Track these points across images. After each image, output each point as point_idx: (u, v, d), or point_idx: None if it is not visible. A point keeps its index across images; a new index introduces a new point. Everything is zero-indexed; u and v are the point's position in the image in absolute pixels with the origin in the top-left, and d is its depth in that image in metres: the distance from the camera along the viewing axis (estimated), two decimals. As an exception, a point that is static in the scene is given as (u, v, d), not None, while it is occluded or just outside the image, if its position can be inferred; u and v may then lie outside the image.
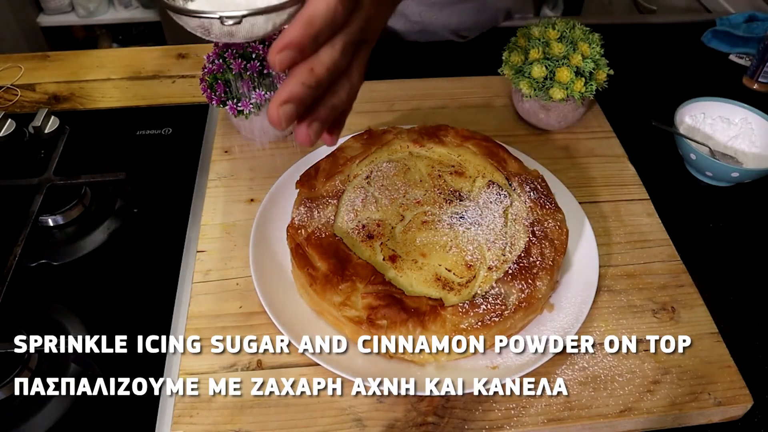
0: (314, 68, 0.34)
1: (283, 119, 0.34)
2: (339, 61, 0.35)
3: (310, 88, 0.34)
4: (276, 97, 0.34)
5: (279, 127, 0.34)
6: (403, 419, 0.47)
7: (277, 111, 0.34)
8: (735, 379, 0.50)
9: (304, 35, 0.33)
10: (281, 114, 0.34)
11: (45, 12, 1.98)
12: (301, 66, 0.34)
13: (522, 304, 0.49)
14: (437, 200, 0.57)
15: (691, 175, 0.72)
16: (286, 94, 0.34)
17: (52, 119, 0.73)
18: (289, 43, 0.32)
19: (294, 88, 0.34)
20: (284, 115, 0.34)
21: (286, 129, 0.36)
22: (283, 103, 0.34)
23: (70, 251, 0.61)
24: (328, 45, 0.34)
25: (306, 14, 0.33)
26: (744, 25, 0.94)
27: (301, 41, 0.33)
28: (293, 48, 0.33)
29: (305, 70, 0.34)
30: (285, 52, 0.33)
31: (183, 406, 0.48)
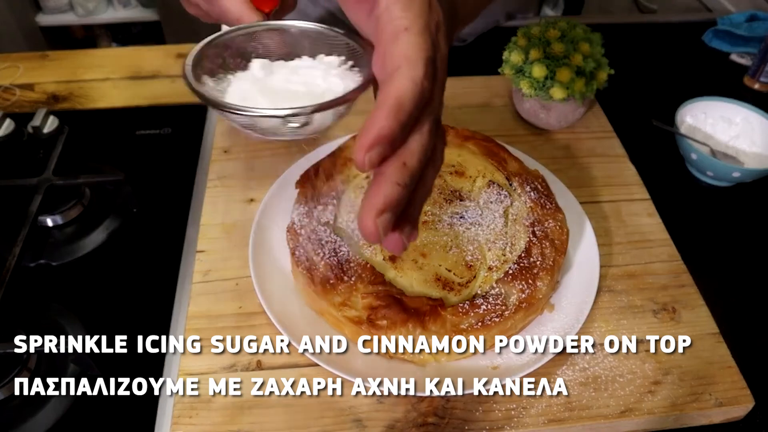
0: (406, 162, 0.28)
1: (382, 232, 0.28)
2: (428, 146, 0.29)
3: (405, 188, 0.28)
4: (369, 206, 0.28)
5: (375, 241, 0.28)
6: (403, 420, 0.47)
7: (374, 223, 0.28)
8: (736, 380, 0.50)
9: (394, 125, 0.27)
10: (380, 226, 0.28)
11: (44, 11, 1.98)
12: (391, 162, 0.28)
13: (522, 304, 0.49)
14: (437, 200, 0.57)
15: (692, 175, 0.72)
16: (381, 201, 0.27)
17: (51, 119, 0.73)
18: (380, 138, 0.26)
19: (389, 191, 0.27)
20: (383, 226, 0.28)
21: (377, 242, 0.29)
22: (380, 213, 0.27)
23: (70, 251, 0.61)
24: (416, 130, 0.28)
25: (392, 97, 0.27)
26: (745, 25, 0.94)
27: (392, 132, 0.27)
28: (383, 142, 0.27)
29: (397, 167, 0.28)
30: (375, 150, 0.27)
31: (183, 406, 0.48)
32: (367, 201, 0.28)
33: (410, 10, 0.28)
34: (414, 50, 0.28)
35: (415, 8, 0.29)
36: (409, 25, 0.28)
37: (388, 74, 0.28)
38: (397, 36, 0.28)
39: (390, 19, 0.28)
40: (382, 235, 0.28)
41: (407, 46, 0.28)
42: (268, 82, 0.35)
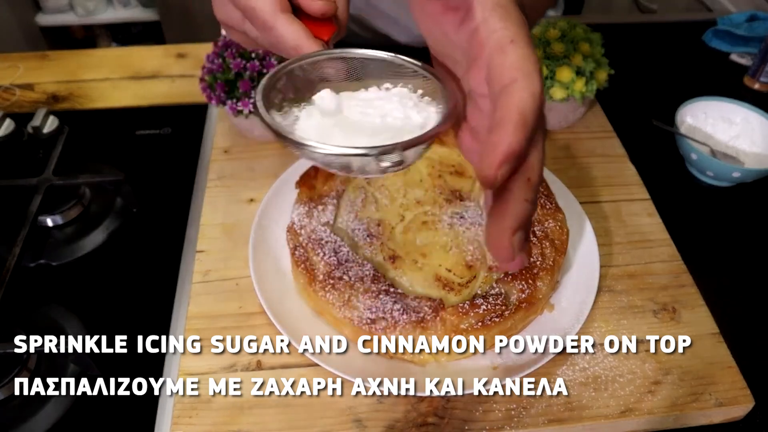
0: (530, 178, 0.27)
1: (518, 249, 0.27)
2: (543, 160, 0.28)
3: (532, 204, 0.27)
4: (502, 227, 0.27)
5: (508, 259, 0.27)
6: (403, 420, 0.47)
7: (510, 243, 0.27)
8: (736, 380, 0.50)
9: (522, 139, 0.26)
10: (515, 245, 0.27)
11: (44, 11, 1.98)
12: (517, 178, 0.27)
13: (522, 304, 0.49)
14: (437, 200, 0.57)
15: (692, 175, 0.72)
16: (513, 219, 0.27)
17: (51, 119, 0.73)
18: (510, 153, 0.26)
19: (519, 209, 0.27)
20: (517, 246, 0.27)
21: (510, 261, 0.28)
22: (516, 230, 0.27)
23: (69, 251, 0.61)
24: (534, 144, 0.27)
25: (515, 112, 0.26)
26: (745, 25, 0.94)
27: (520, 147, 0.26)
28: (513, 158, 0.26)
29: (524, 183, 0.27)
30: (506, 166, 0.26)
31: (183, 406, 0.48)
32: (497, 222, 0.27)
33: (509, 21, 0.28)
34: (527, 63, 0.27)
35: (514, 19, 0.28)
36: (514, 37, 0.27)
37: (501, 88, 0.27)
38: (504, 48, 0.27)
39: (491, 31, 0.27)
40: (516, 254, 0.27)
41: (518, 58, 0.27)
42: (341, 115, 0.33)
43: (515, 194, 0.27)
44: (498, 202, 0.27)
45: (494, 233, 0.27)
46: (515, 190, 0.27)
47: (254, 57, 0.63)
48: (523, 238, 0.28)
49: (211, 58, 0.65)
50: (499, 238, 0.27)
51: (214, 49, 0.66)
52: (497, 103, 0.27)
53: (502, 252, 0.27)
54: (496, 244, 0.27)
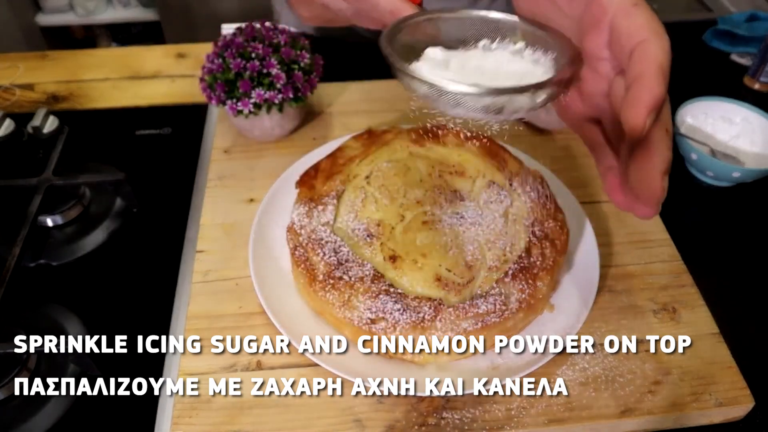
0: (668, 129, 0.30)
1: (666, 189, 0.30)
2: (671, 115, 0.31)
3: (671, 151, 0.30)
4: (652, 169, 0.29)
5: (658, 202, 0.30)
6: (403, 420, 0.47)
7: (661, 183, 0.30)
8: (736, 380, 0.50)
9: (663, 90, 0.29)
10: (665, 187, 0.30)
11: (44, 11, 1.98)
12: (658, 128, 0.30)
13: (522, 304, 0.49)
14: (437, 200, 0.57)
15: (692, 174, 0.72)
16: (663, 162, 0.29)
17: (51, 119, 0.73)
18: (656, 102, 0.28)
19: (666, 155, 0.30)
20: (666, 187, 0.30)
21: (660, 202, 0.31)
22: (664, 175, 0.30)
23: (70, 251, 0.61)
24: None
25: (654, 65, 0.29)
26: (745, 25, 0.94)
27: (662, 97, 0.29)
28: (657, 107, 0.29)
29: (664, 133, 0.30)
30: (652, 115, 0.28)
31: (183, 406, 0.48)
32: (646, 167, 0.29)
33: None
34: (654, 23, 0.30)
35: None
36: (638, 2, 0.30)
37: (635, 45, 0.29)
38: (629, 12, 0.30)
39: None
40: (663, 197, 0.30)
41: (645, 19, 0.30)
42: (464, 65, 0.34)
43: (659, 142, 0.29)
44: (643, 151, 0.30)
45: (645, 178, 0.30)
46: (658, 138, 0.29)
47: (254, 57, 0.63)
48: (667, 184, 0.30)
49: (211, 58, 0.65)
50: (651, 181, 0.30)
51: (214, 49, 0.66)
52: (631, 60, 0.29)
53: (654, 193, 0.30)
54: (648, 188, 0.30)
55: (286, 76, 0.64)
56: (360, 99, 0.77)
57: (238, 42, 0.64)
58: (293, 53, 0.65)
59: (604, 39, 0.31)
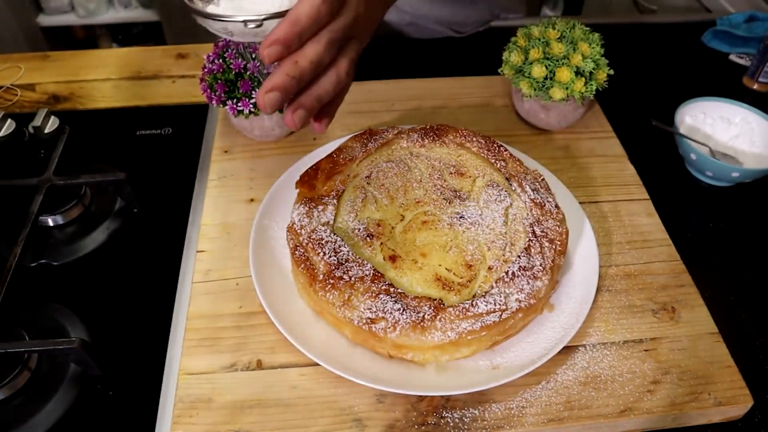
0: (299, 61, 0.38)
1: (268, 105, 0.39)
2: (322, 55, 0.39)
3: (293, 79, 0.38)
4: (263, 86, 0.38)
5: (265, 111, 0.39)
6: (403, 419, 0.47)
7: (262, 98, 0.38)
8: (735, 379, 0.50)
9: (289, 32, 0.37)
10: (266, 100, 0.38)
11: (45, 12, 1.98)
12: (287, 60, 0.38)
13: (522, 304, 0.49)
14: (437, 200, 0.57)
15: (692, 175, 0.72)
16: (271, 83, 0.38)
17: (52, 119, 0.73)
18: (276, 40, 0.37)
19: (279, 78, 0.38)
20: (269, 101, 0.38)
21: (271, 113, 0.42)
22: (269, 91, 0.38)
23: (70, 251, 0.61)
24: (313, 41, 0.39)
25: (292, 14, 0.37)
26: (744, 25, 0.94)
27: (287, 38, 0.37)
28: (280, 44, 0.37)
29: (290, 63, 0.38)
30: (273, 48, 0.37)
31: (183, 406, 0.48)
32: (264, 82, 0.39)
33: None
34: None
35: None
36: None
37: None
38: None
39: None
40: (268, 108, 0.39)
41: None
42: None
43: (281, 68, 0.38)
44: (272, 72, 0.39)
45: (259, 90, 0.39)
46: (282, 66, 0.38)
47: (254, 57, 0.64)
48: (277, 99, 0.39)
49: (212, 59, 0.65)
50: (258, 94, 0.39)
51: (215, 49, 0.66)
52: None
53: (258, 102, 0.39)
54: (257, 97, 0.39)
55: (286, 77, 0.64)
56: (360, 99, 0.77)
57: (238, 42, 0.64)
58: (293, 54, 0.65)
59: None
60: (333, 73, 0.41)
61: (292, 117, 0.41)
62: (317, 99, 0.41)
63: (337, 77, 0.42)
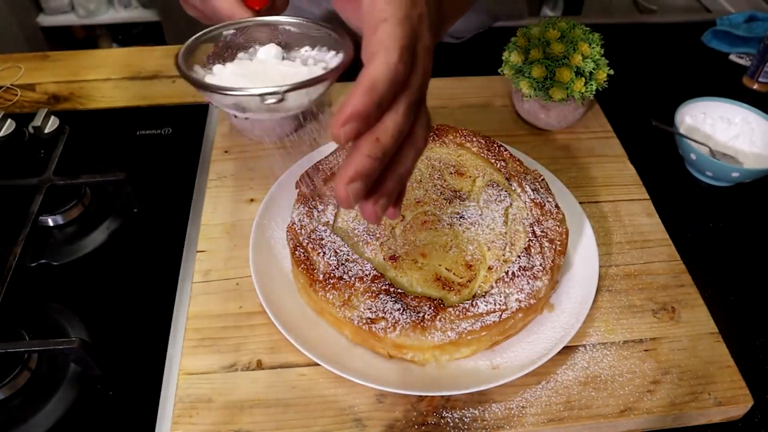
0: (380, 138, 0.31)
1: (353, 198, 0.31)
2: (403, 125, 0.32)
3: (376, 160, 0.31)
4: (342, 174, 0.31)
5: (348, 206, 0.32)
6: (403, 419, 0.47)
7: (345, 190, 0.31)
8: (735, 379, 0.50)
9: (367, 103, 0.30)
10: (350, 193, 0.31)
11: (45, 12, 1.98)
12: (365, 137, 0.31)
13: (522, 304, 0.49)
14: (437, 200, 0.57)
15: (692, 175, 0.72)
16: (352, 170, 0.31)
17: (52, 119, 0.73)
18: (353, 114, 0.30)
19: (360, 162, 0.31)
20: (353, 193, 0.31)
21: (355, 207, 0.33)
22: (351, 181, 0.31)
23: (70, 251, 0.61)
24: (392, 110, 0.31)
25: (367, 79, 0.30)
26: (744, 25, 0.94)
27: (365, 110, 0.30)
28: (357, 119, 0.30)
29: (370, 141, 0.31)
30: (350, 125, 0.30)
31: (183, 406, 0.48)
32: (341, 170, 0.31)
33: (391, 4, 0.31)
34: (389, 38, 0.31)
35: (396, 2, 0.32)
36: (389, 16, 0.31)
37: (366, 61, 0.31)
38: (376, 27, 0.31)
39: (373, 12, 0.32)
40: (353, 201, 0.32)
41: (384, 35, 0.31)
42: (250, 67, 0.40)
43: (360, 150, 0.31)
44: (348, 155, 0.32)
45: (337, 178, 0.32)
46: (361, 146, 0.31)
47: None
48: (361, 189, 0.31)
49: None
50: (338, 184, 0.31)
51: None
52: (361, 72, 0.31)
53: (338, 196, 0.32)
54: (336, 190, 0.32)
55: (287, 77, 0.64)
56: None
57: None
58: (293, 54, 0.65)
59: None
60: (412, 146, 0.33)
61: (374, 209, 0.33)
62: (399, 181, 0.34)
63: (416, 150, 0.34)
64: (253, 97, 0.34)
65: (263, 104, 0.35)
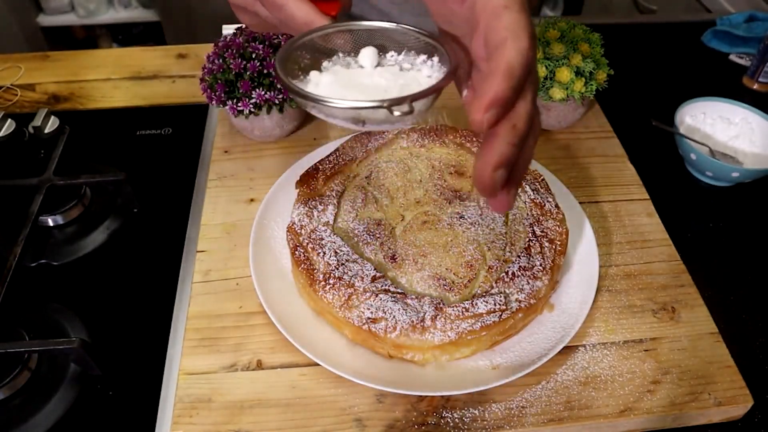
0: (516, 124, 0.31)
1: (498, 185, 0.32)
2: (533, 112, 0.32)
3: (516, 147, 0.31)
4: (485, 161, 0.31)
5: (492, 194, 0.32)
6: (403, 419, 0.47)
7: (491, 177, 0.31)
8: (735, 379, 0.50)
9: (507, 89, 0.30)
10: (497, 179, 0.31)
11: (45, 12, 1.98)
12: (503, 124, 0.31)
13: (522, 304, 0.49)
14: (437, 200, 0.57)
15: (692, 175, 0.72)
16: (497, 156, 0.31)
17: (52, 119, 0.73)
18: (495, 100, 0.30)
19: (503, 149, 0.31)
20: (499, 180, 0.31)
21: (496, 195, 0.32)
22: (497, 168, 0.31)
23: (70, 251, 0.61)
24: (522, 97, 0.31)
25: (503, 65, 0.30)
26: (744, 25, 0.94)
27: (505, 95, 0.30)
28: (498, 104, 0.30)
29: (509, 128, 0.31)
30: (492, 111, 0.30)
31: (183, 406, 0.48)
32: (482, 158, 0.31)
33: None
34: (517, 25, 0.31)
35: None
36: (509, 4, 0.31)
37: (494, 47, 0.31)
38: (499, 14, 0.31)
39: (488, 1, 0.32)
40: (498, 188, 0.32)
41: (510, 21, 0.31)
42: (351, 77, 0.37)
43: (500, 137, 0.31)
44: (486, 142, 0.31)
45: (479, 168, 0.31)
46: (501, 133, 0.31)
47: (254, 57, 0.64)
48: (504, 177, 0.32)
49: (212, 59, 0.65)
50: (482, 172, 0.31)
51: (215, 49, 0.66)
52: (490, 59, 0.31)
53: (483, 184, 0.32)
54: (480, 178, 0.31)
55: (287, 77, 0.64)
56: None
57: (238, 42, 0.64)
58: (293, 54, 0.65)
59: (482, 40, 0.32)
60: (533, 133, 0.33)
61: (507, 198, 0.33)
62: (525, 168, 0.34)
63: (536, 138, 0.34)
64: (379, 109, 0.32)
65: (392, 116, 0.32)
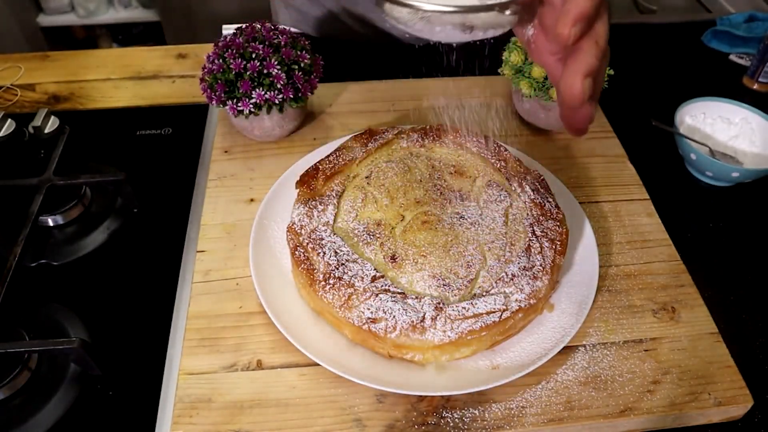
0: (598, 41, 0.33)
1: (587, 92, 0.33)
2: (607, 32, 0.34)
3: (599, 61, 0.33)
4: (574, 70, 0.33)
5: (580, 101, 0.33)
6: (403, 419, 0.47)
7: (581, 85, 0.32)
8: (735, 379, 0.50)
9: (591, 6, 0.32)
10: (586, 87, 0.33)
11: (45, 12, 1.98)
12: (587, 40, 0.33)
13: (522, 304, 0.49)
14: (437, 200, 0.57)
15: (692, 175, 0.72)
16: (585, 66, 0.32)
17: (52, 119, 0.73)
18: (581, 15, 0.32)
19: (590, 62, 0.32)
20: (588, 89, 0.33)
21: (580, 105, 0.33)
22: (586, 76, 0.32)
23: (70, 251, 0.61)
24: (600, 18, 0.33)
25: None
26: (744, 25, 0.94)
27: (589, 12, 0.32)
28: (583, 20, 0.32)
29: (592, 44, 0.33)
30: (578, 25, 0.32)
31: (183, 406, 0.48)
32: (571, 69, 0.33)
33: None
34: None
35: None
36: None
37: None
38: None
39: None
40: (586, 96, 0.33)
41: None
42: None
43: (586, 50, 0.33)
44: (572, 57, 0.33)
45: (568, 78, 0.33)
46: (586, 48, 0.33)
47: (254, 57, 0.64)
48: (591, 87, 0.33)
49: (212, 59, 0.65)
50: (572, 81, 0.33)
51: (215, 49, 0.66)
52: None
53: (574, 91, 0.33)
54: (570, 89, 0.33)
55: (287, 77, 0.64)
56: (360, 99, 0.77)
57: (238, 42, 0.64)
58: (293, 54, 0.65)
59: None
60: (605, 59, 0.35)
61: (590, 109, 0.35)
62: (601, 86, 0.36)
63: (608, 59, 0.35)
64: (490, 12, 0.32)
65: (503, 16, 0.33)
